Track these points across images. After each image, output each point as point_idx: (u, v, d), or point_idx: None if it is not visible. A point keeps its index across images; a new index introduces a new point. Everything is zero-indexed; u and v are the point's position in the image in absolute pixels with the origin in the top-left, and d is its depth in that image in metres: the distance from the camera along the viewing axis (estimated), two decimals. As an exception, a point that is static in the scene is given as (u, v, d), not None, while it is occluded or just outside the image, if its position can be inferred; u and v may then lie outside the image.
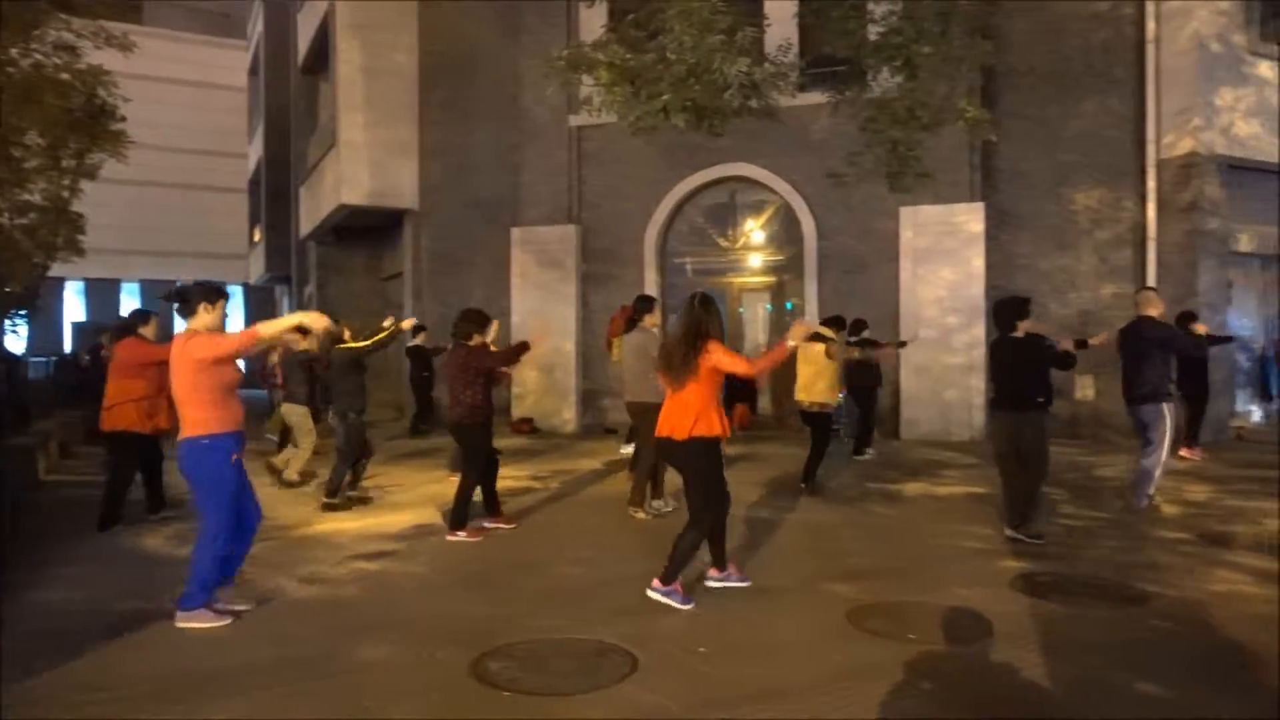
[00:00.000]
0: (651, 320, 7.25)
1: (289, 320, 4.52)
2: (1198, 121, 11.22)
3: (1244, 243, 12.48)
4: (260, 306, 31.63)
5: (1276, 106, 11.95)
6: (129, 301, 33.23)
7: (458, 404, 6.40)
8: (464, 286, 14.71)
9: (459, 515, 6.31)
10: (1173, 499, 7.41)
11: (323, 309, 18.11)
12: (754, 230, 13.23)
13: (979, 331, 11.28)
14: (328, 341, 7.52)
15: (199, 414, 4.38)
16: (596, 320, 13.13)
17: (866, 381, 10.03)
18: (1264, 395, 13.43)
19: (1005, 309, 6.29)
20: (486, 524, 6.55)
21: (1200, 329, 8.72)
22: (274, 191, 25.21)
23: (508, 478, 8.89)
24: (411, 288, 15.68)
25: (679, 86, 7.65)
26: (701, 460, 4.67)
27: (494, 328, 6.60)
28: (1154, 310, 7.12)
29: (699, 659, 3.95)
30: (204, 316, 4.49)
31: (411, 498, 7.99)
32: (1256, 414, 12.99)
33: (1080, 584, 5.06)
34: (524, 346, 6.70)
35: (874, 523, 6.87)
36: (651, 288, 12.96)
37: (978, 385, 11.29)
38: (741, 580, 5.02)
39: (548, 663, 3.93)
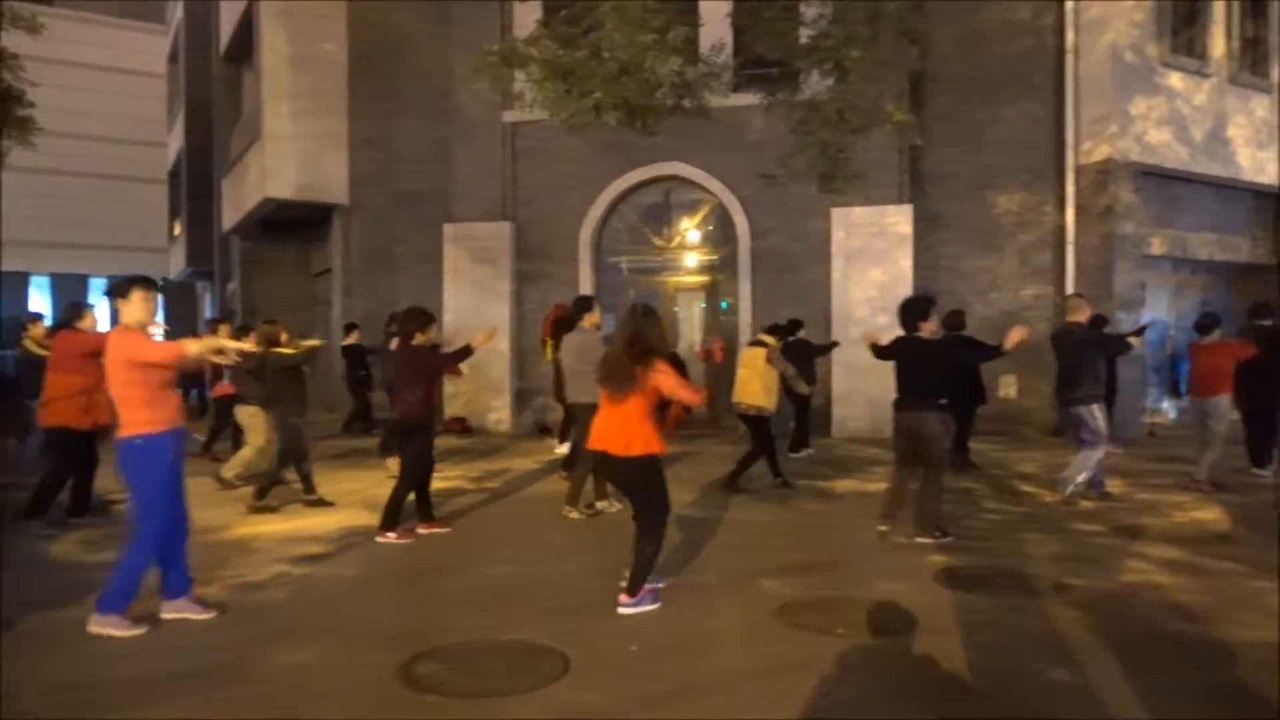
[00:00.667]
0: (591, 320, 7.21)
1: (212, 343, 4.51)
2: (1113, 129, 11.68)
3: (1156, 246, 13.04)
4: (181, 302, 30.53)
5: (1186, 116, 12.51)
6: (39, 296, 31.77)
7: (400, 403, 6.31)
8: (395, 283, 14.45)
9: (390, 516, 6.20)
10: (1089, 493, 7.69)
11: (248, 306, 17.64)
12: (689, 229, 13.30)
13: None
14: (264, 344, 7.35)
15: (134, 413, 4.25)
16: (531, 318, 13.04)
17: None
18: (1174, 392, 14.07)
19: (909, 309, 6.33)
20: (421, 529, 6.43)
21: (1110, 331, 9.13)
22: (195, 183, 24.34)
23: (440, 478, 8.77)
24: (341, 284, 15.34)
25: (611, 84, 7.63)
26: (649, 476, 4.61)
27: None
28: (1082, 315, 7.47)
29: (631, 657, 3.95)
30: (137, 305, 4.36)
31: (341, 499, 7.81)
32: (1168, 410, 13.60)
33: (1000, 576, 5.21)
34: (468, 350, 6.58)
35: (805, 520, 6.96)
36: (586, 286, 12.91)
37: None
38: (654, 602, 4.70)
39: (478, 664, 3.89)
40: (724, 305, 13.09)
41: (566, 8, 8.42)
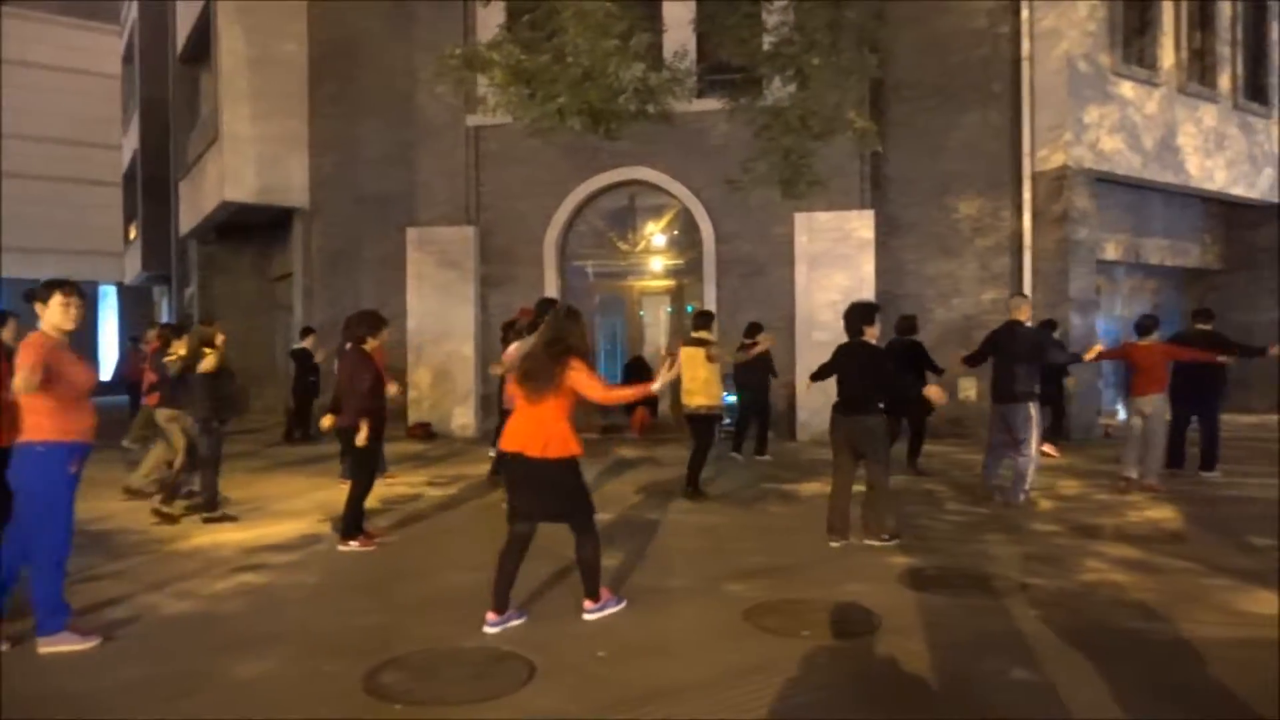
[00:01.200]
0: None
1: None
2: (1068, 137, 11.92)
3: (1110, 251, 13.34)
4: (137, 307, 29.89)
5: (1138, 124, 12.81)
6: (-12, 301, 30.91)
7: (348, 410, 6.20)
8: (357, 287, 14.29)
9: (351, 524, 6.12)
10: (1047, 494, 7.82)
11: (206, 311, 17.30)
12: (654, 234, 13.32)
13: (871, 335, 11.63)
14: (198, 345, 7.14)
15: (36, 419, 4.04)
16: (495, 322, 12.94)
17: (754, 380, 10.17)
18: (1128, 395, 14.37)
19: (854, 314, 6.36)
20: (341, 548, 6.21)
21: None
22: (151, 186, 23.84)
23: (403, 484, 8.71)
24: (302, 288, 15.13)
25: (574, 89, 7.63)
26: (566, 479, 4.46)
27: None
28: (1023, 315, 7.59)
29: (597, 663, 3.93)
30: (55, 310, 4.15)
31: (298, 507, 7.70)
32: (1122, 412, 13.88)
33: (962, 576, 5.28)
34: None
35: (769, 523, 7.00)
36: (551, 290, 12.89)
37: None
38: (618, 603, 4.70)
39: (442, 672, 3.85)
40: (689, 309, 13.12)
41: (530, 12, 8.40)
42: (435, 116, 13.04)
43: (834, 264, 11.99)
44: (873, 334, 6.28)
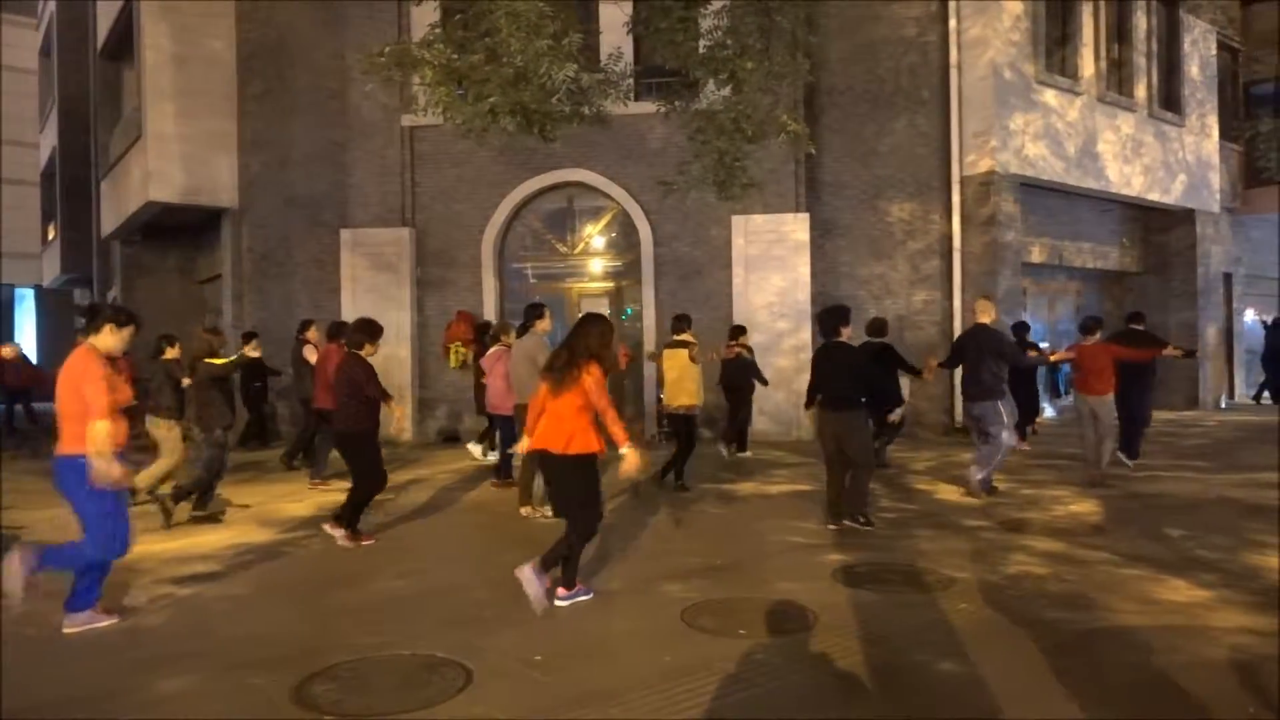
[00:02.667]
0: (543, 325, 7.48)
1: None
2: (994, 143, 12.27)
3: (1035, 254, 13.77)
4: (57, 312, 28.73)
5: (1060, 131, 13.25)
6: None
7: (341, 414, 6.38)
8: (289, 290, 13.95)
9: (350, 517, 6.35)
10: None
11: (130, 313, 16.69)
12: (593, 236, 13.31)
13: (806, 335, 11.83)
14: (202, 353, 7.20)
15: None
16: (432, 326, 12.82)
17: (738, 381, 10.40)
18: (1055, 393, 14.87)
19: (828, 317, 6.85)
20: (326, 527, 6.45)
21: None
22: (71, 185, 22.94)
23: (337, 489, 8.53)
24: (232, 291, 14.70)
25: (507, 89, 7.57)
26: (584, 474, 4.78)
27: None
28: (987, 317, 7.98)
29: (534, 667, 3.91)
30: (108, 337, 4.56)
31: (233, 514, 7.50)
32: (1049, 410, 14.34)
33: (894, 572, 5.39)
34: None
35: (707, 522, 7.04)
36: (490, 293, 12.78)
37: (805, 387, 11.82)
38: (586, 594, 4.94)
39: (375, 681, 3.78)
40: (628, 311, 13.15)
41: (462, 11, 8.31)
42: (368, 116, 12.83)
43: (771, 266, 12.14)
44: (848, 334, 6.77)
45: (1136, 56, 14.55)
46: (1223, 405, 16.48)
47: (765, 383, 10.64)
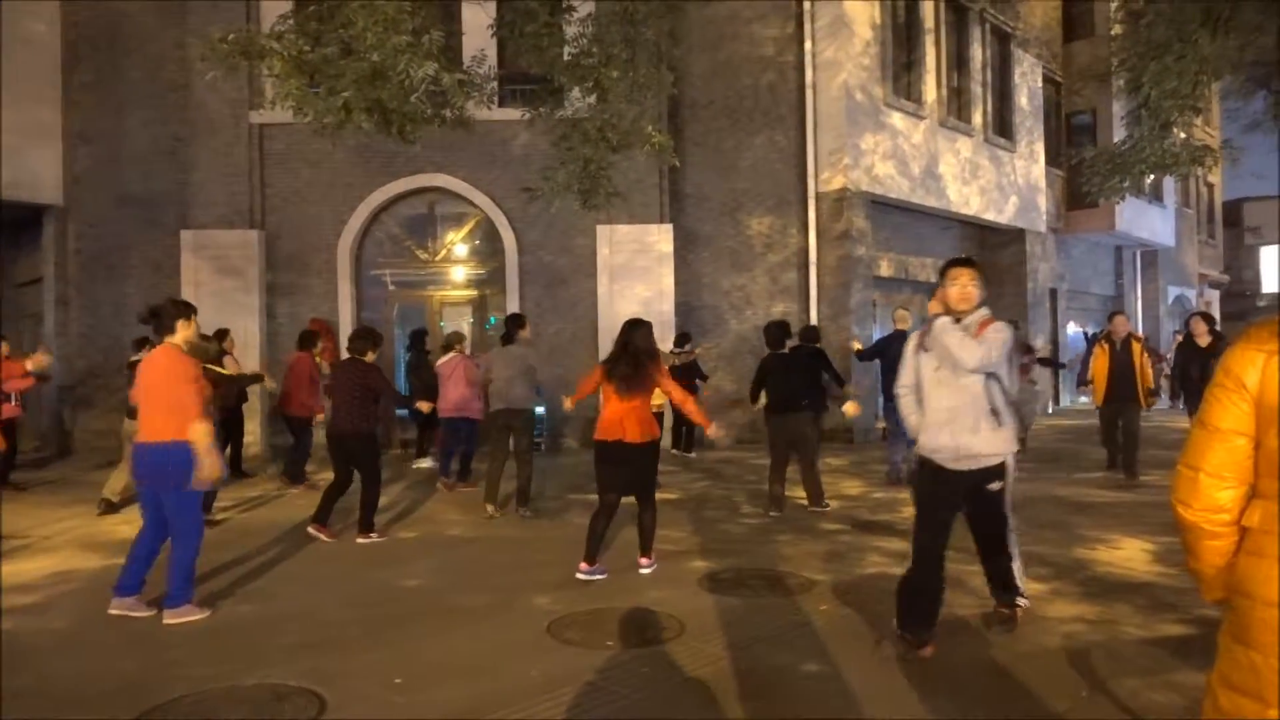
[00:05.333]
0: (525, 333, 7.87)
1: None
2: (847, 161, 12.83)
3: (884, 268, 14.47)
4: None
5: (906, 152, 14.01)
6: None
7: (348, 418, 6.62)
8: (121, 295, 12.94)
9: (368, 520, 6.66)
10: (831, 494, 8.31)
11: (186, 302, 14.94)
12: (455, 243, 13.03)
13: (668, 345, 11.95)
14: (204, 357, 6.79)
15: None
16: (284, 334, 12.16)
17: (686, 386, 10.34)
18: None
19: (774, 330, 7.69)
20: (311, 529, 6.70)
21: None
22: None
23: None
24: (55, 295, 13.47)
25: (363, 85, 7.28)
26: (654, 459, 5.61)
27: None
28: (906, 325, 8.85)
29: (394, 690, 3.73)
30: (185, 331, 4.90)
31: (48, 540, 6.83)
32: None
33: (757, 577, 5.49)
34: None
35: (573, 534, 6.94)
36: (346, 300, 12.29)
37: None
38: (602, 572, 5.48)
39: (219, 714, 3.50)
40: (491, 321, 12.93)
41: (317, 3, 7.94)
42: (213, 111, 12.10)
43: (635, 276, 12.23)
44: (790, 345, 7.64)
45: (974, 85, 15.59)
46: (1049, 411, 17.83)
47: (704, 378, 11.43)
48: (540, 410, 11.51)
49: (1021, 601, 4.38)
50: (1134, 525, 6.84)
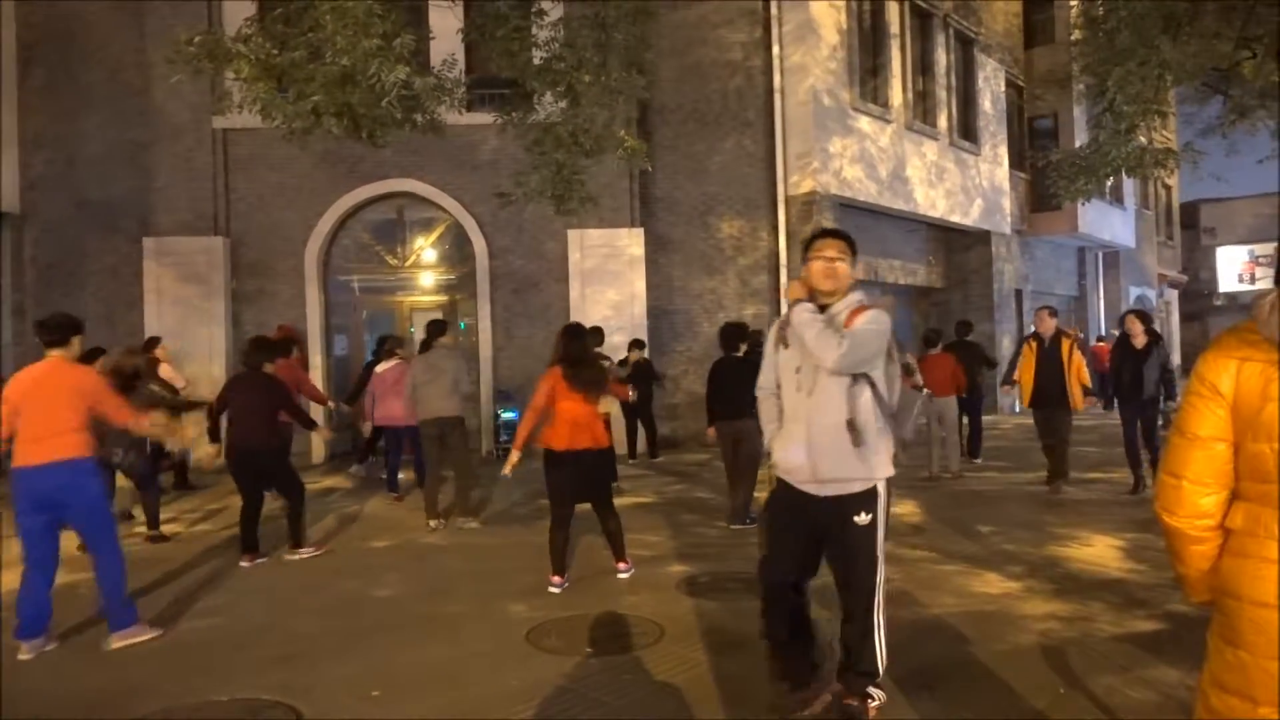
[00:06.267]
0: (446, 340, 7.68)
1: None
2: (815, 164, 12.91)
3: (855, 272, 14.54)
4: None
5: (874, 155, 14.13)
6: None
7: (256, 433, 6.36)
8: (80, 303, 12.62)
9: (296, 533, 6.48)
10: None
11: (76, 318, 14.54)
12: (424, 248, 12.92)
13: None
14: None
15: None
16: (249, 341, 11.96)
17: (642, 391, 10.48)
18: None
19: (729, 333, 7.31)
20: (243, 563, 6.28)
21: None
22: None
23: (140, 523, 7.77)
24: (10, 304, 13.17)
25: (332, 89, 7.18)
26: (609, 465, 5.82)
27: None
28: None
29: (371, 703, 3.67)
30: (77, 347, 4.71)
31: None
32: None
33: (734, 581, 5.48)
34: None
35: (544, 541, 6.89)
36: (314, 306, 12.13)
37: (641, 400, 11.96)
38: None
39: (186, 733, 3.42)
40: (462, 326, 12.83)
41: (283, 5, 7.83)
42: (175, 116, 11.89)
43: (606, 280, 12.20)
44: (744, 349, 7.23)
45: (938, 89, 15.77)
46: (1016, 410, 18.05)
47: (659, 381, 11.49)
48: (511, 415, 11.44)
49: (875, 694, 3.31)
50: (1103, 522, 6.94)
